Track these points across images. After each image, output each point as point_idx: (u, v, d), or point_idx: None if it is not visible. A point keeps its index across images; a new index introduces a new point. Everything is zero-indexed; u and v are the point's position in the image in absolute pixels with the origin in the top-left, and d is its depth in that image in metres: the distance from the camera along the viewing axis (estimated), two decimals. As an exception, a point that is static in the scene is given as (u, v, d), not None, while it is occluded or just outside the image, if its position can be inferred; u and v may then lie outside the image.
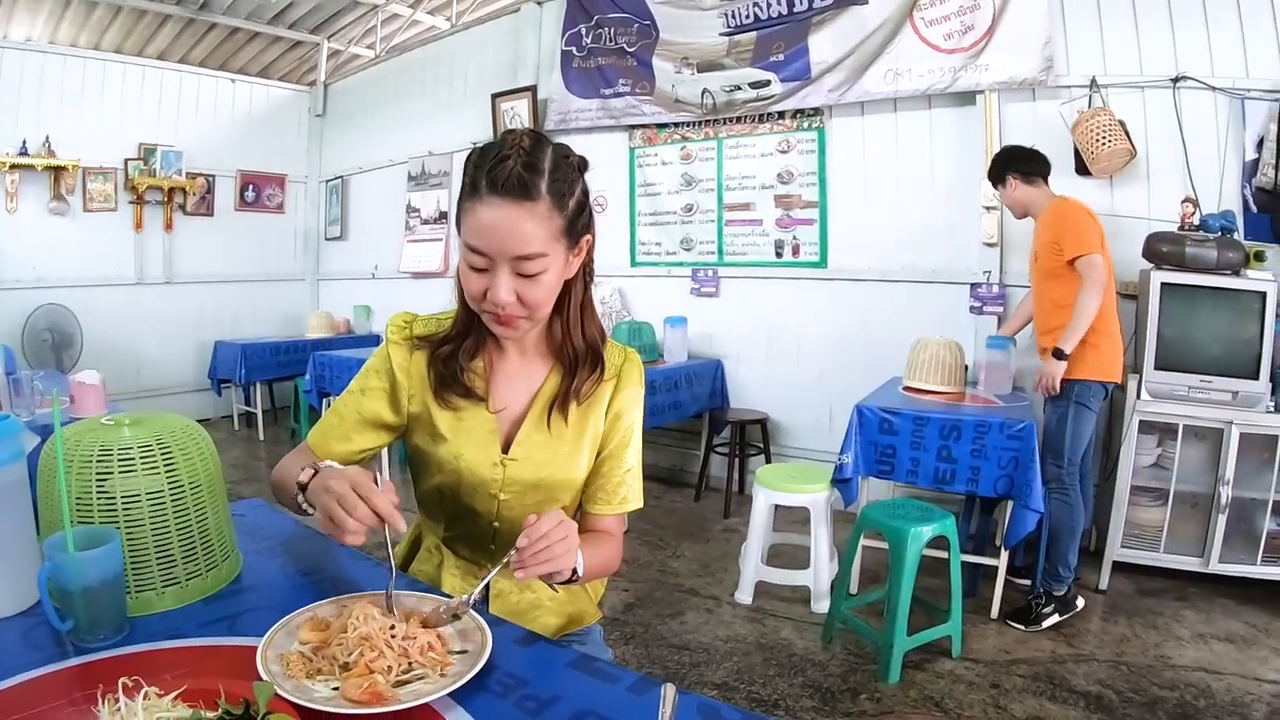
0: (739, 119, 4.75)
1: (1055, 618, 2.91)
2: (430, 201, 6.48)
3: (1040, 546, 3.05)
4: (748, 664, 2.67)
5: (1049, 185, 3.23)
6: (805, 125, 4.54)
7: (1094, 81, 3.62)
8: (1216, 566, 3.12)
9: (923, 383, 3.47)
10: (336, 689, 0.84)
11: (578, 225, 1.12)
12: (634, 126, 5.19)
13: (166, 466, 1.03)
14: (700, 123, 4.91)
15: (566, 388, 1.23)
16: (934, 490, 3.12)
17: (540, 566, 0.97)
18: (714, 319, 4.96)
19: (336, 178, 7.38)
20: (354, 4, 6.74)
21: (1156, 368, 3.16)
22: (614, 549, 1.28)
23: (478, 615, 1.00)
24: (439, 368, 1.21)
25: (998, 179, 3.30)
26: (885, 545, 2.67)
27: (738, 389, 4.89)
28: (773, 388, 4.76)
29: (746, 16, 4.56)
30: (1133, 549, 3.25)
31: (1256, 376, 3.06)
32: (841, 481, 3.07)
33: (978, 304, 3.98)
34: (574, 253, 1.15)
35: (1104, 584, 3.25)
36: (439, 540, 1.34)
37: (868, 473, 3.12)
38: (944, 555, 2.70)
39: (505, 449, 1.23)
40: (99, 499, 0.99)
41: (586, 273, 1.22)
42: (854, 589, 3.16)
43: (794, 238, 4.65)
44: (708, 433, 4.76)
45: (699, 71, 4.79)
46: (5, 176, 5.58)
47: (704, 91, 4.78)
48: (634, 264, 5.30)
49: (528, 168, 1.04)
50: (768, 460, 4.47)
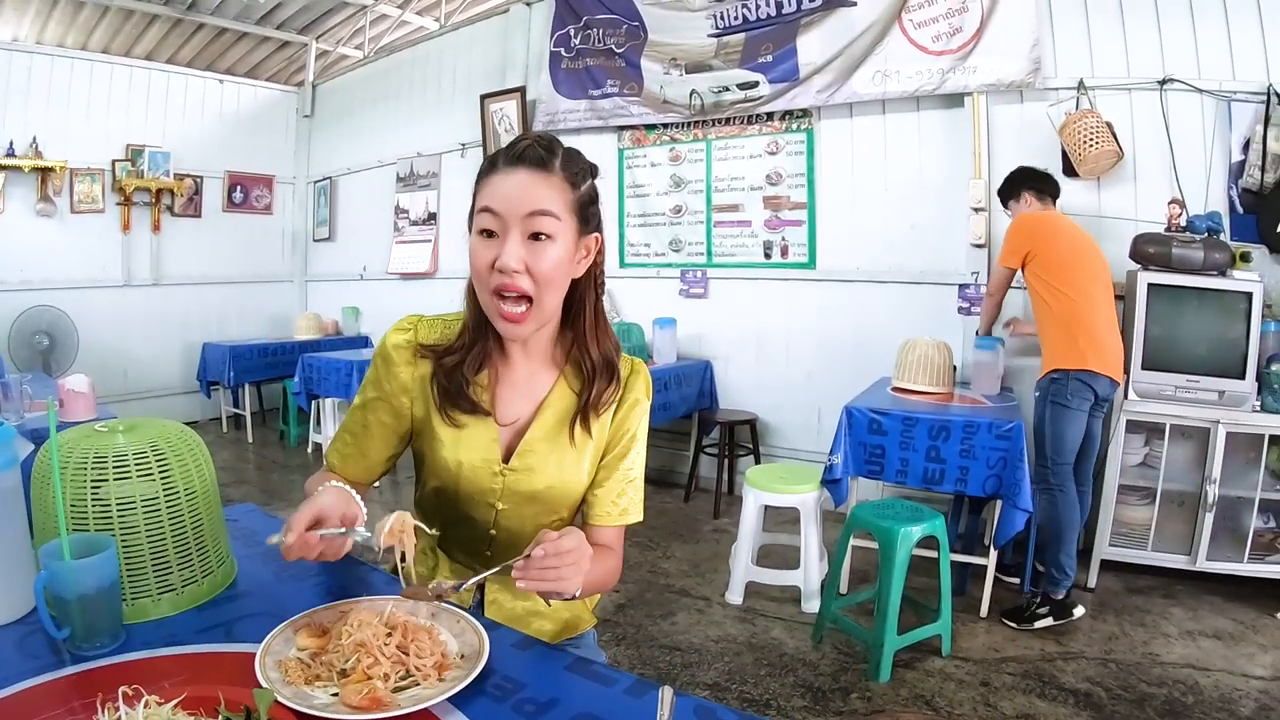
0: (728, 120, 4.76)
1: (1049, 620, 2.90)
2: (419, 203, 6.45)
3: (1029, 546, 3.07)
4: (739, 664, 2.68)
5: (1055, 207, 3.29)
6: (794, 127, 4.56)
7: (1081, 83, 3.65)
8: (1204, 564, 3.16)
9: (911, 383, 3.49)
10: (336, 695, 0.84)
11: (588, 212, 1.16)
12: (623, 127, 5.19)
13: (161, 473, 1.03)
14: (689, 124, 4.91)
15: (586, 401, 1.23)
16: (923, 490, 3.14)
17: (543, 584, 0.97)
18: (703, 320, 4.97)
19: (325, 179, 7.34)
20: (342, 4, 6.71)
21: (1144, 368, 3.20)
22: (613, 563, 1.26)
23: (474, 620, 1.00)
24: (443, 381, 1.20)
25: (1012, 194, 3.34)
26: (875, 545, 2.69)
27: (727, 390, 4.89)
28: (762, 388, 4.78)
29: (735, 18, 4.57)
30: (1121, 547, 3.29)
31: (1243, 376, 3.09)
32: (831, 482, 3.08)
33: (965, 305, 4.01)
34: (583, 243, 1.16)
35: (1092, 582, 3.28)
36: (433, 543, 1.34)
37: (857, 473, 3.13)
38: (933, 555, 2.72)
39: (506, 459, 1.23)
40: (94, 506, 0.99)
41: (597, 283, 1.23)
42: (844, 589, 3.18)
43: (783, 239, 4.66)
44: (697, 433, 4.77)
45: (687, 72, 4.80)
46: (-8, 178, 5.52)
47: (692, 92, 4.79)
48: (622, 265, 5.30)
49: (545, 148, 1.11)
50: (757, 461, 4.50)
